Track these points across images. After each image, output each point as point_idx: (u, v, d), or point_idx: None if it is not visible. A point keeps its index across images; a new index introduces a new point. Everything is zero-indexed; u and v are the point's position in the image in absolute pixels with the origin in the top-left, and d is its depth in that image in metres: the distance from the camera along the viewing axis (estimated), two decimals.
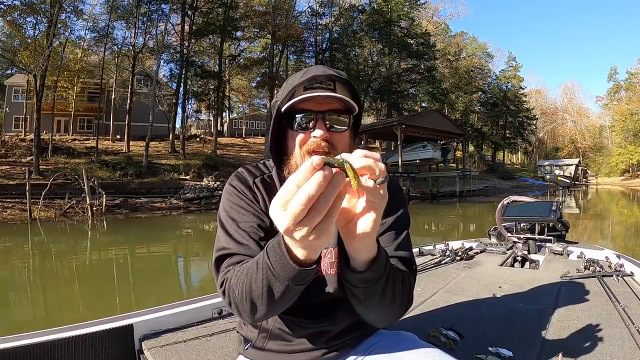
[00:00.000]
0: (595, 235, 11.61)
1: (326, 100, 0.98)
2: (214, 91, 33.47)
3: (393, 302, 0.92)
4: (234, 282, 0.88)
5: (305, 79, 0.97)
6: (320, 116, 0.98)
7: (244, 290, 0.84)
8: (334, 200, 0.58)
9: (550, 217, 3.53)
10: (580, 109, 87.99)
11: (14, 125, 32.85)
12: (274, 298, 0.80)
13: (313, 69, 1.02)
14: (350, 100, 0.99)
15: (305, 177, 0.56)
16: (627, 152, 62.34)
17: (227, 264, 0.96)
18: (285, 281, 0.75)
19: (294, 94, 1.00)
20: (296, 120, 1.00)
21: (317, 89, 0.98)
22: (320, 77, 0.98)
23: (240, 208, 1.03)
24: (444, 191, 32.66)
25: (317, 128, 0.98)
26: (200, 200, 21.74)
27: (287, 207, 0.58)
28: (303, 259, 0.70)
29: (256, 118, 53.80)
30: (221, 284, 0.94)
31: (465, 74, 53.56)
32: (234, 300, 0.89)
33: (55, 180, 18.09)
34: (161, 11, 30.72)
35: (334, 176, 0.57)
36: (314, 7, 40.21)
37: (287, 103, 0.98)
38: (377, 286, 0.84)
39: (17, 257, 10.04)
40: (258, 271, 0.80)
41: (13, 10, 24.27)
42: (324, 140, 0.98)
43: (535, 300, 2.14)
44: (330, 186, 0.57)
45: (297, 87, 0.99)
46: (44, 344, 1.45)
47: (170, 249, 11.34)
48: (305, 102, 0.98)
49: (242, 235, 0.98)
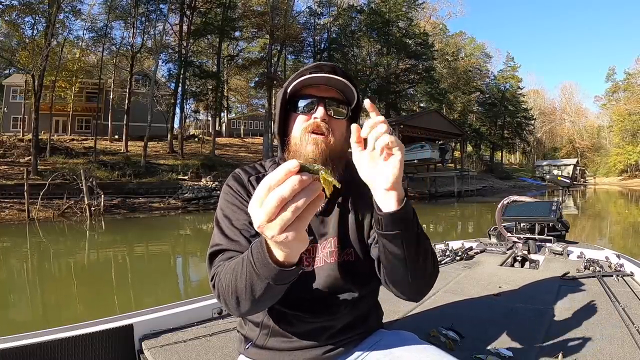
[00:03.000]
0: (593, 235, 11.64)
1: (327, 89, 1.07)
2: (213, 91, 33.40)
3: (426, 260, 0.93)
4: (222, 277, 0.92)
5: (311, 65, 1.09)
6: (322, 101, 1.06)
7: (230, 285, 0.87)
8: (307, 206, 0.60)
9: (550, 217, 3.53)
10: (578, 109, 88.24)
11: (12, 125, 32.77)
12: (257, 294, 0.83)
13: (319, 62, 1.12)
14: (350, 85, 1.06)
15: (280, 179, 0.59)
16: (625, 152, 62.57)
17: (218, 260, 1.00)
18: (266, 280, 0.78)
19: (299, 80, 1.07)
20: (300, 103, 1.08)
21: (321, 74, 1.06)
22: (325, 67, 1.08)
23: (234, 206, 1.08)
24: (442, 191, 32.71)
25: (318, 110, 1.06)
26: (199, 201, 21.72)
27: (262, 205, 0.60)
28: (282, 260, 0.72)
29: (254, 118, 53.73)
30: (211, 278, 0.98)
31: (464, 74, 53.63)
32: (222, 294, 0.91)
33: (53, 181, 18.04)
34: (159, 11, 30.73)
35: (310, 184, 0.60)
36: (312, 7, 40.23)
37: (293, 83, 1.06)
38: (412, 232, 0.87)
39: (15, 257, 10.02)
40: (243, 267, 0.83)
41: (11, 10, 24.22)
42: (323, 122, 1.05)
43: (535, 300, 2.14)
44: (304, 192, 0.59)
45: (303, 71, 1.08)
46: (44, 344, 1.45)
47: (169, 249, 11.33)
48: (308, 88, 1.07)
49: (234, 232, 1.03)
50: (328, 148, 1.03)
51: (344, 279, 1.07)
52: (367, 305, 1.17)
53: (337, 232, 1.09)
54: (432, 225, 14.88)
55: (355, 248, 1.10)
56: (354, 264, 1.09)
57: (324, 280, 1.07)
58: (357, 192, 1.10)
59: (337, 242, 1.08)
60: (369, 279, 1.09)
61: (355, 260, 1.10)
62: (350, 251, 1.10)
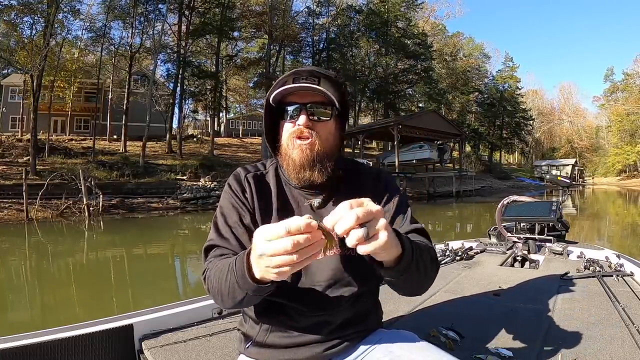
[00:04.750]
0: (592, 235, 11.65)
1: (309, 94, 1.09)
2: (211, 91, 33.42)
3: (426, 273, 1.01)
4: (212, 274, 1.00)
5: (290, 73, 1.13)
6: (304, 108, 1.09)
7: (216, 285, 0.97)
8: (302, 260, 0.71)
9: (550, 217, 3.53)
10: (577, 109, 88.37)
11: (11, 125, 32.67)
12: (237, 299, 0.93)
13: (304, 67, 1.15)
14: (328, 92, 1.07)
15: (301, 229, 0.70)
16: (624, 152, 62.70)
17: (211, 255, 1.08)
18: (245, 291, 0.88)
19: (282, 86, 1.09)
20: (284, 111, 1.12)
21: (303, 82, 1.08)
22: (303, 73, 1.11)
23: (230, 205, 1.14)
24: (440, 191, 32.68)
25: (300, 117, 1.08)
26: (197, 201, 21.69)
27: (269, 242, 0.71)
28: (259, 278, 0.82)
29: (253, 118, 53.66)
30: (203, 272, 1.06)
31: (462, 75, 53.72)
32: (210, 289, 1.02)
33: (52, 181, 18.02)
34: (158, 11, 30.70)
35: (312, 244, 0.71)
36: (311, 7, 40.25)
37: (272, 94, 1.09)
38: (411, 270, 0.93)
39: (14, 257, 10.01)
40: (228, 274, 0.91)
41: (10, 10, 24.18)
42: (307, 128, 1.08)
43: (535, 300, 2.14)
44: (305, 250, 0.70)
45: (284, 79, 1.12)
46: (44, 344, 1.45)
47: (168, 249, 11.32)
48: (291, 95, 1.10)
49: (226, 230, 1.10)
50: (313, 152, 1.08)
51: (345, 273, 1.09)
52: (367, 303, 1.18)
53: None
54: (431, 226, 14.89)
55: None
56: (354, 259, 1.09)
57: (325, 273, 1.09)
58: (356, 186, 1.16)
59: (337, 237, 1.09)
60: (369, 276, 1.11)
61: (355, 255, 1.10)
62: None
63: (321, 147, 1.09)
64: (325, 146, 1.10)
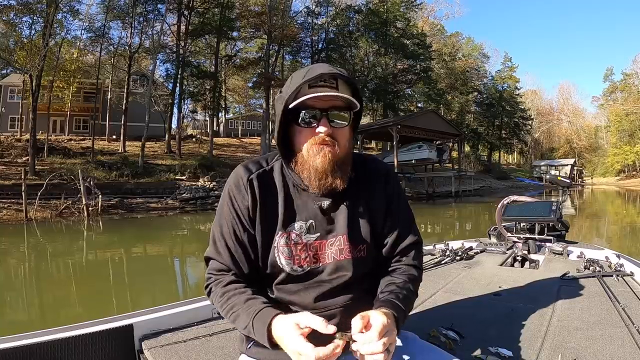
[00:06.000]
0: (591, 235, 11.67)
1: (329, 98, 1.03)
2: (210, 91, 33.38)
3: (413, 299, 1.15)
4: (218, 300, 1.07)
5: (312, 77, 1.02)
6: (324, 114, 1.04)
7: (227, 314, 1.04)
8: None
9: (550, 217, 3.52)
10: (576, 109, 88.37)
11: (10, 125, 32.64)
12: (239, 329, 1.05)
13: (317, 67, 1.06)
14: (352, 98, 1.05)
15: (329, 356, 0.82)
16: (623, 152, 62.71)
17: (210, 268, 1.13)
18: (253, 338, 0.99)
19: (299, 91, 1.04)
20: (301, 117, 1.05)
21: (322, 87, 1.03)
22: (325, 76, 1.03)
23: (228, 214, 1.12)
24: (439, 191, 32.72)
25: (321, 125, 1.04)
26: (196, 201, 21.72)
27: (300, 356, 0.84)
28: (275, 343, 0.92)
29: (252, 118, 53.65)
30: (206, 287, 1.12)
31: (461, 75, 53.71)
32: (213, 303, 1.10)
33: (51, 181, 18.04)
34: (157, 11, 30.73)
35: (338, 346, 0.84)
36: (310, 7, 40.20)
37: (295, 102, 1.03)
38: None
39: (13, 257, 10.00)
40: (240, 317, 1.00)
41: (9, 10, 24.16)
42: (328, 136, 1.04)
43: (535, 300, 2.13)
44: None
45: (302, 84, 1.03)
46: (44, 344, 1.44)
47: (167, 249, 11.32)
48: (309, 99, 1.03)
49: (221, 243, 1.11)
50: (335, 158, 1.05)
51: (355, 275, 1.09)
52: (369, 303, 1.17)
53: (347, 230, 1.10)
54: (430, 226, 14.90)
55: (368, 244, 1.13)
56: (366, 260, 1.12)
57: (333, 278, 1.09)
58: (365, 188, 1.15)
59: (348, 239, 1.10)
60: (372, 277, 1.14)
61: (367, 256, 1.13)
62: (362, 247, 1.12)
63: (341, 153, 1.07)
64: (344, 152, 1.08)
